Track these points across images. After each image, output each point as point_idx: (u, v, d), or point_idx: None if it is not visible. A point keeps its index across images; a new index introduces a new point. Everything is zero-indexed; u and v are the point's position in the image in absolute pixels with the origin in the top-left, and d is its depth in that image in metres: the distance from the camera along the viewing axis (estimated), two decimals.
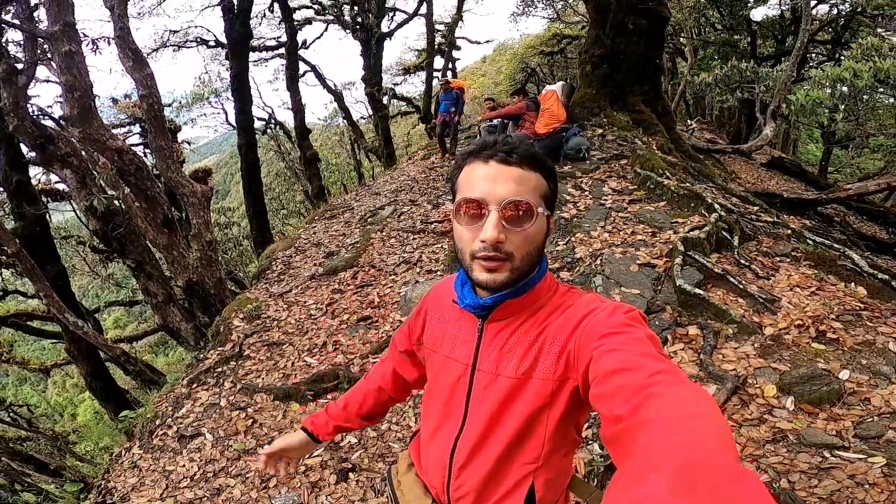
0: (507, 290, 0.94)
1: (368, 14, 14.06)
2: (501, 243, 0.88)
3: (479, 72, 34.87)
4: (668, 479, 0.49)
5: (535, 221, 0.89)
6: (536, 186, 0.91)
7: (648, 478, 0.51)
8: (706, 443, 0.55)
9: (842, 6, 12.37)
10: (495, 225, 0.87)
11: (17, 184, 7.10)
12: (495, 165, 0.90)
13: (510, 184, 0.89)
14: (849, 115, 7.78)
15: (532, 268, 0.94)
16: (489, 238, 0.87)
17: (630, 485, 0.53)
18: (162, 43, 15.10)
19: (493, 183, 0.89)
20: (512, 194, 0.88)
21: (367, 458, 3.07)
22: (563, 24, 18.73)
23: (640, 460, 0.57)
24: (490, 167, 0.91)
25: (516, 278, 0.92)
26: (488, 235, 0.87)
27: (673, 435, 0.57)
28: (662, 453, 0.55)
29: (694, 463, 0.50)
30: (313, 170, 14.34)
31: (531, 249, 0.91)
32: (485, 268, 0.90)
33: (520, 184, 0.89)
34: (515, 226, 0.88)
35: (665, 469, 0.51)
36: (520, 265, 0.91)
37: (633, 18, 7.18)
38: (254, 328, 4.98)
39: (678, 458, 0.52)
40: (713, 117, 18.47)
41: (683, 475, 0.49)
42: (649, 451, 0.57)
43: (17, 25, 6.10)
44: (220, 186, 36.39)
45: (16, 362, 9.07)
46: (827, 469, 2.02)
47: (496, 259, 0.89)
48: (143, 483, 3.31)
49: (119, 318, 23.59)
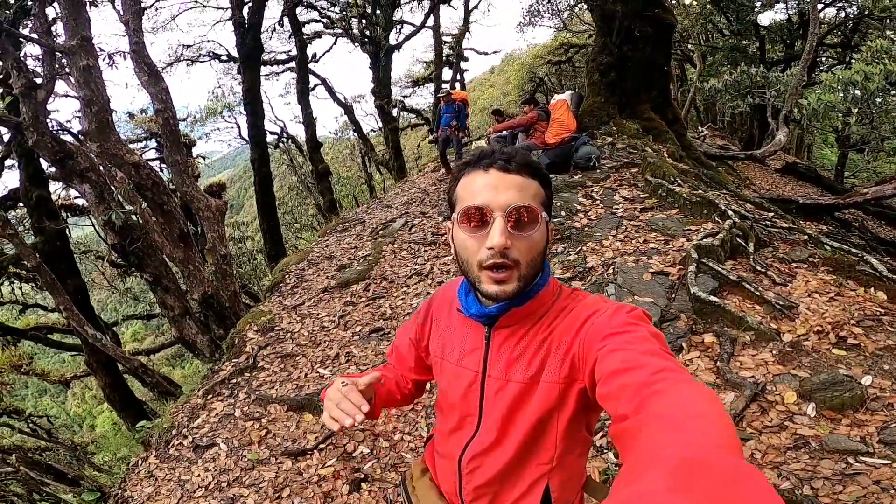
0: (514, 299, 0.94)
1: (376, 27, 14.26)
2: (509, 249, 0.88)
3: (488, 82, 35.11)
4: (667, 476, 0.49)
5: (539, 227, 0.91)
6: (536, 193, 0.93)
7: (647, 474, 0.51)
8: (708, 440, 0.55)
9: (849, 9, 12.28)
10: (502, 231, 0.87)
11: (38, 199, 7.28)
12: (496, 173, 0.91)
13: (513, 191, 0.90)
14: (862, 119, 7.70)
15: (536, 274, 0.95)
16: (497, 244, 0.87)
17: (630, 481, 0.53)
18: (176, 57, 15.47)
19: (495, 190, 0.90)
20: (516, 200, 0.89)
21: (380, 468, 3.06)
22: (570, 34, 18.84)
23: (640, 457, 0.57)
24: (490, 175, 0.92)
25: (523, 286, 0.92)
26: (496, 241, 0.87)
27: (675, 432, 0.58)
28: (663, 450, 0.55)
29: (694, 460, 0.51)
30: (325, 183, 14.50)
31: (535, 256, 0.93)
32: (493, 279, 0.90)
33: (522, 190, 0.90)
34: (521, 231, 0.89)
35: (664, 466, 0.51)
36: (526, 272, 0.91)
37: (639, 25, 7.19)
38: (267, 340, 5.01)
39: (678, 455, 0.52)
40: (725, 123, 18.37)
41: (683, 472, 0.49)
42: (650, 448, 0.57)
43: (35, 40, 6.23)
44: (234, 201, 36.88)
45: (36, 374, 9.23)
46: (851, 475, 1.97)
47: (504, 267, 0.89)
48: (159, 492, 3.34)
49: (137, 331, 23.90)
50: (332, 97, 17.52)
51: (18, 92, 5.75)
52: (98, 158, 6.30)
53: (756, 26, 13.23)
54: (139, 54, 6.09)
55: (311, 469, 3.18)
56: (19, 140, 6.99)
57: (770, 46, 14.42)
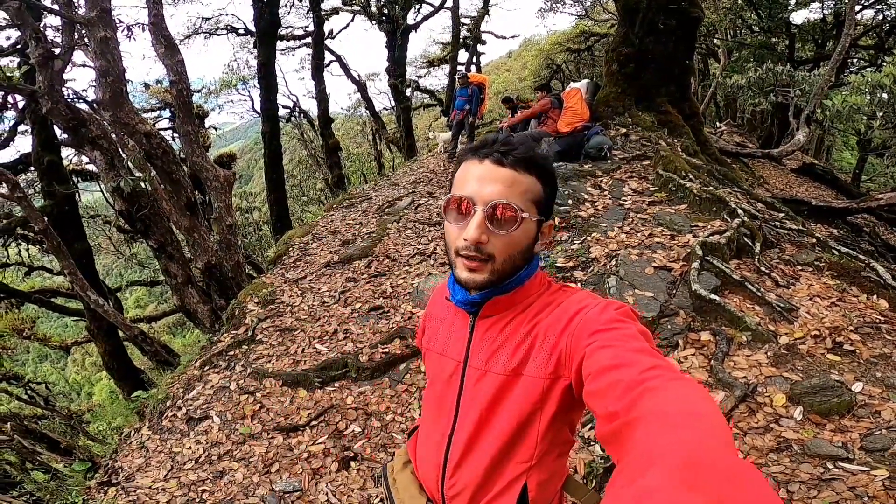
0: (488, 289, 0.94)
1: (395, 5, 14.07)
2: (483, 244, 0.89)
3: (504, 67, 34.59)
4: (673, 474, 0.48)
5: (519, 226, 0.89)
6: (528, 190, 0.90)
7: (650, 472, 0.50)
8: (709, 438, 0.54)
9: (888, 11, 11.91)
10: (478, 225, 0.88)
11: (49, 164, 7.33)
12: (488, 165, 0.90)
13: (498, 186, 0.88)
14: (886, 123, 7.52)
15: (515, 270, 0.94)
16: (470, 238, 0.88)
17: (631, 480, 0.52)
18: (194, 30, 15.38)
19: (482, 183, 0.89)
20: (498, 196, 0.88)
21: (370, 447, 3.10)
22: (592, 22, 18.44)
23: (639, 455, 0.56)
24: (483, 167, 0.91)
25: (496, 280, 0.92)
26: (469, 235, 0.88)
27: (672, 430, 0.57)
28: (662, 448, 0.54)
29: (698, 458, 0.50)
30: (334, 159, 14.49)
31: (514, 253, 0.91)
32: (466, 266, 0.91)
33: (509, 186, 0.89)
34: (498, 228, 0.88)
35: (667, 463, 0.50)
36: (501, 267, 0.91)
37: (663, 18, 7.02)
38: (267, 313, 5.05)
39: (682, 453, 0.51)
40: (744, 120, 18.04)
41: (689, 470, 0.48)
42: (648, 446, 0.56)
43: (56, 11, 6.27)
44: (244, 172, 36.98)
45: (37, 339, 9.34)
46: (828, 480, 1.97)
47: (477, 259, 0.90)
48: (149, 463, 3.39)
49: (140, 297, 24.23)
50: (346, 74, 17.40)
51: (35, 61, 5.77)
52: (111, 127, 6.32)
53: (788, 24, 12.86)
54: (157, 26, 6.09)
55: (302, 445, 3.22)
56: (34, 107, 7.02)
57: (800, 45, 14.04)
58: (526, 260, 0.95)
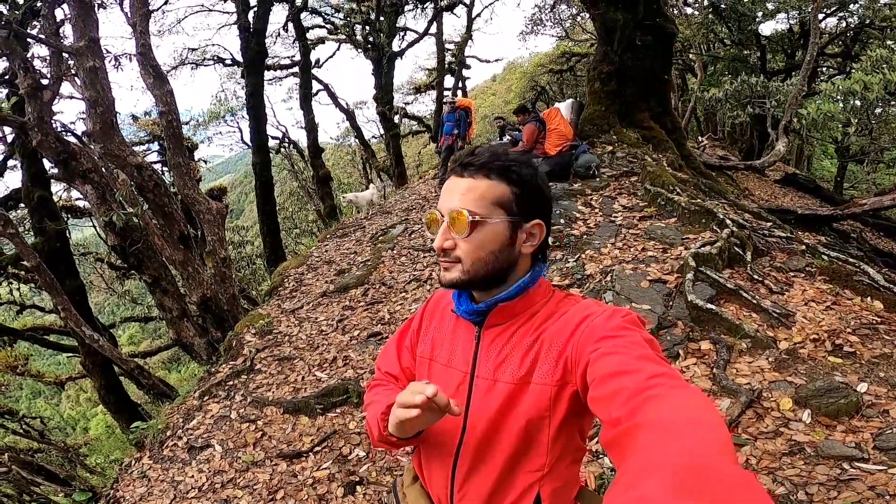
0: (461, 288, 1.01)
1: (380, 33, 14.35)
2: (449, 249, 0.96)
3: (490, 90, 35.26)
4: (670, 482, 0.49)
5: (474, 229, 0.94)
6: (485, 195, 0.94)
7: (649, 479, 0.51)
8: (708, 447, 0.55)
9: (850, 19, 12.39)
10: (442, 233, 0.97)
11: (39, 199, 7.29)
12: (452, 179, 0.99)
13: (455, 195, 0.96)
14: (862, 129, 7.75)
15: (492, 271, 0.97)
16: (436, 246, 0.98)
17: (629, 486, 0.53)
18: (181, 60, 15.56)
19: (446, 195, 0.98)
20: (456, 205, 0.95)
21: (375, 471, 3.05)
22: (572, 42, 18.97)
23: (639, 462, 0.57)
24: (450, 181, 1.00)
25: (468, 279, 0.97)
26: (436, 244, 0.98)
27: (673, 438, 0.57)
28: (662, 455, 0.55)
29: (697, 466, 0.50)
30: (326, 189, 14.53)
31: (483, 255, 0.95)
32: (442, 268, 1.00)
33: (465, 193, 0.95)
34: (458, 233, 0.95)
35: (666, 471, 0.51)
36: (471, 268, 0.96)
37: (640, 35, 7.25)
38: (265, 343, 5.01)
39: (680, 462, 0.52)
40: (725, 134, 18.43)
41: (686, 478, 0.49)
42: (649, 453, 0.57)
43: (43, 40, 6.25)
44: (235, 205, 36.90)
45: (31, 375, 9.18)
46: (846, 481, 1.97)
47: (447, 262, 0.98)
48: (152, 493, 3.33)
49: (134, 334, 23.84)
50: (334, 103, 17.65)
51: (24, 92, 5.75)
52: (101, 160, 6.31)
53: (757, 36, 13.33)
54: (145, 56, 6.11)
55: (307, 471, 3.17)
56: (23, 140, 7.01)
57: (771, 56, 14.52)
58: (505, 261, 0.97)
